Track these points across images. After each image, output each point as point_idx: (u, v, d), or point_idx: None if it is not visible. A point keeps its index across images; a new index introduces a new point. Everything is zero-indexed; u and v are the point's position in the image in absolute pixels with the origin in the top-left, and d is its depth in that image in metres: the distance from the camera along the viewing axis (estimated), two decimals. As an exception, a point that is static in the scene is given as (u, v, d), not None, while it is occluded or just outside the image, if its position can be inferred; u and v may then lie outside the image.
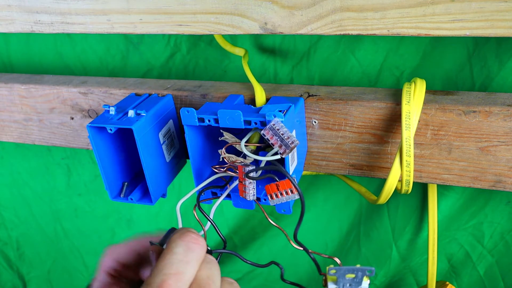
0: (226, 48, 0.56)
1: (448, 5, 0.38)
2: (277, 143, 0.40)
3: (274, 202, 0.42)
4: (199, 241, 0.34)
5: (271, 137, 0.41)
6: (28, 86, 0.60)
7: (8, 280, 1.03)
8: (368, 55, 0.55)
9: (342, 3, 0.40)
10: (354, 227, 0.69)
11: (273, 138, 0.41)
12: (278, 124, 0.41)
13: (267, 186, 0.41)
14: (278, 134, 0.40)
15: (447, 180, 0.47)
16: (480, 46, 0.50)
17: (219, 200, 0.46)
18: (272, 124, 0.41)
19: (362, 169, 0.50)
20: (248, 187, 0.43)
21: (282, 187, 0.41)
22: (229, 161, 0.44)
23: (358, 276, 0.38)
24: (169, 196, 0.55)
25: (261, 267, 0.43)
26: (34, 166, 0.84)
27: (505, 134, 0.43)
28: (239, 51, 0.55)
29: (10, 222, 0.94)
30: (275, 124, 0.41)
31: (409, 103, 0.42)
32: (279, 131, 0.40)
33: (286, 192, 0.41)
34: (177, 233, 0.34)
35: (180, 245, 0.33)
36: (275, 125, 0.41)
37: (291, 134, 0.40)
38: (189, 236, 0.34)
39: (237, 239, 0.77)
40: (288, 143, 0.40)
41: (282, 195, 0.41)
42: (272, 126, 0.41)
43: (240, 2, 0.44)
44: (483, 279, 0.65)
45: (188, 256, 0.33)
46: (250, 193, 0.43)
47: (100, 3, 0.48)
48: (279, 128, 0.40)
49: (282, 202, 0.42)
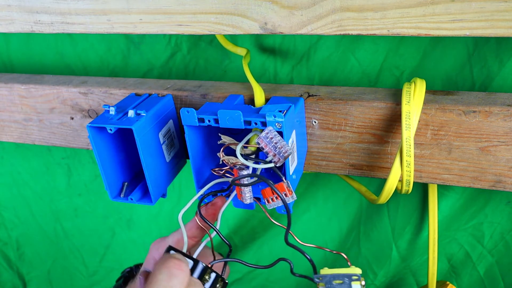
0: (228, 47, 0.56)
1: (448, 5, 0.38)
2: (271, 152, 0.41)
3: (271, 206, 0.42)
4: (182, 267, 0.36)
5: (265, 145, 0.41)
6: (28, 86, 0.60)
7: (8, 280, 1.03)
8: (368, 55, 0.55)
9: (342, 3, 0.40)
10: (354, 227, 0.69)
11: (267, 147, 0.41)
12: (272, 133, 0.41)
13: (263, 190, 0.42)
14: (271, 142, 0.40)
15: (447, 180, 0.47)
16: (480, 46, 0.50)
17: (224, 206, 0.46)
18: (265, 133, 0.41)
19: (362, 169, 0.50)
20: (244, 191, 0.43)
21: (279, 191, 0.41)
22: (229, 163, 0.44)
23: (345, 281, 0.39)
24: (169, 196, 0.55)
25: (269, 267, 0.43)
26: (34, 166, 0.84)
27: (505, 134, 0.43)
28: (241, 51, 0.55)
29: (10, 222, 0.94)
30: (269, 133, 0.40)
31: (409, 103, 0.42)
32: (273, 139, 0.40)
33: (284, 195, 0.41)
34: (161, 260, 0.37)
35: (163, 272, 0.36)
36: (268, 133, 0.40)
37: (284, 143, 0.40)
38: (171, 262, 0.36)
39: (237, 239, 0.77)
40: (281, 152, 0.40)
41: (278, 198, 0.41)
42: (266, 135, 0.40)
43: (240, 2, 0.44)
44: (483, 279, 0.65)
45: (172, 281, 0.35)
46: (247, 196, 0.43)
47: (100, 3, 0.48)
48: (272, 137, 0.40)
49: (279, 205, 0.42)
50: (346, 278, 0.38)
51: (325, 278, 0.39)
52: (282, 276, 0.78)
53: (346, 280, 0.38)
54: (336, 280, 0.39)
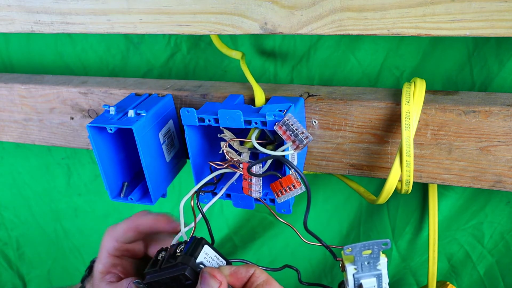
0: (223, 51, 0.56)
1: (448, 5, 0.38)
2: (290, 139, 0.40)
3: (281, 199, 0.41)
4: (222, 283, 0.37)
5: (284, 132, 0.40)
6: (28, 86, 0.60)
7: (8, 280, 1.03)
8: (368, 55, 0.55)
9: (342, 3, 0.40)
10: (354, 227, 0.69)
11: (286, 133, 0.40)
12: (292, 119, 0.40)
13: (272, 184, 0.41)
14: (292, 129, 0.40)
15: (447, 180, 0.47)
16: (480, 46, 0.50)
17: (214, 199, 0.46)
18: (285, 119, 0.40)
19: (362, 169, 0.50)
20: (255, 184, 0.42)
21: (285, 183, 0.41)
22: (228, 156, 0.44)
23: (374, 251, 0.38)
24: (169, 196, 0.55)
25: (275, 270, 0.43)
26: (34, 166, 0.84)
27: (505, 134, 0.43)
28: (235, 54, 0.55)
29: (10, 222, 0.94)
30: (289, 119, 0.40)
31: (409, 103, 0.42)
32: (293, 126, 0.40)
33: (290, 188, 0.41)
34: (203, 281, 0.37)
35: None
36: (289, 120, 0.40)
37: (305, 129, 0.40)
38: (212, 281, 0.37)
39: (237, 239, 0.77)
40: (302, 138, 0.39)
41: (287, 191, 0.41)
42: (286, 121, 0.40)
43: (240, 2, 0.44)
44: (483, 279, 0.65)
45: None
46: (257, 190, 0.42)
47: (100, 3, 0.48)
48: (293, 123, 0.40)
49: (289, 197, 0.41)
50: (375, 246, 0.37)
51: (354, 248, 0.38)
52: (282, 276, 0.78)
53: (375, 249, 0.37)
54: (365, 250, 0.38)
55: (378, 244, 0.37)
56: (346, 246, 0.38)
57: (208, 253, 0.40)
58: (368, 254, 0.38)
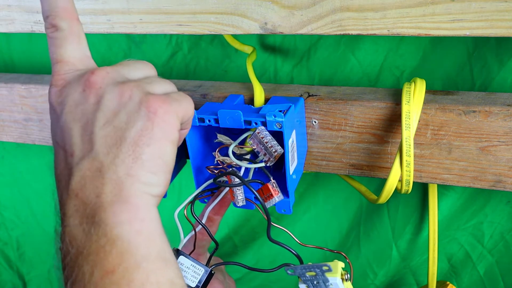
0: (235, 46, 0.56)
1: (448, 5, 0.38)
2: (262, 151, 0.41)
3: (268, 204, 0.42)
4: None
5: (256, 145, 0.41)
6: (28, 86, 0.60)
7: (8, 280, 1.03)
8: (368, 55, 0.55)
9: (342, 3, 0.40)
10: (354, 227, 0.69)
11: (258, 146, 0.41)
12: (263, 132, 0.40)
13: (258, 190, 0.42)
14: (262, 142, 0.40)
15: (447, 180, 0.47)
16: (480, 46, 0.50)
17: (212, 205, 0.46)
18: (256, 132, 0.40)
19: (362, 169, 0.50)
20: (236, 193, 0.43)
21: (265, 192, 0.42)
22: (224, 163, 0.44)
23: (318, 273, 0.38)
24: (169, 196, 0.55)
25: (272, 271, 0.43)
26: (35, 165, 0.84)
27: (505, 134, 0.43)
28: (247, 49, 0.55)
29: (11, 222, 0.94)
30: (260, 132, 0.40)
31: (409, 103, 0.42)
32: (263, 139, 0.40)
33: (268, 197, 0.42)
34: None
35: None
36: (259, 133, 0.40)
37: (274, 142, 0.40)
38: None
39: (237, 239, 0.77)
40: (271, 151, 0.40)
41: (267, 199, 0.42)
42: (257, 134, 0.40)
43: (240, 2, 0.44)
44: (483, 279, 0.65)
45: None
46: (239, 198, 0.43)
47: (100, 3, 0.48)
48: (263, 137, 0.40)
49: (272, 204, 0.42)
50: (317, 269, 0.38)
51: (296, 270, 0.38)
52: (282, 276, 0.78)
53: (318, 272, 0.38)
54: (308, 271, 0.38)
55: (319, 267, 0.37)
56: (287, 267, 0.38)
57: (184, 263, 0.40)
58: (313, 275, 0.38)
